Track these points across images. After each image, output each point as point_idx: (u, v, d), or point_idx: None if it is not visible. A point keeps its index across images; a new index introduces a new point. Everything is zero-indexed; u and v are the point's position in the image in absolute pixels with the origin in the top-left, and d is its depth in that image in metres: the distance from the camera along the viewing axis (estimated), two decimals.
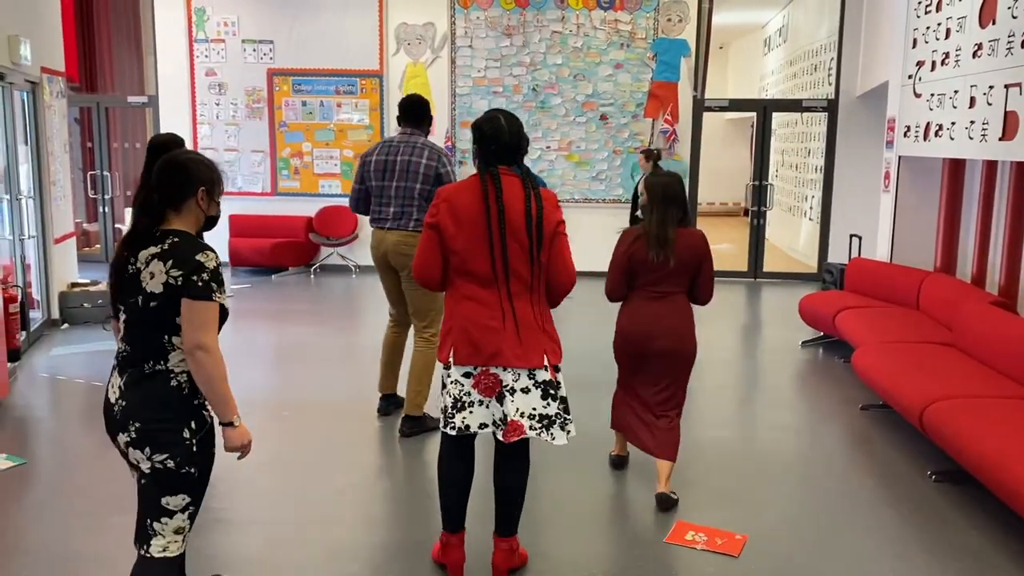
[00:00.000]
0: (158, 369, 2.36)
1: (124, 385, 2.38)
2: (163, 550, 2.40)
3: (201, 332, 2.31)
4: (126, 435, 2.35)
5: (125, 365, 2.40)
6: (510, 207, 2.95)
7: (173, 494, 2.37)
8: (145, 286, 2.33)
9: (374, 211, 4.71)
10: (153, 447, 2.33)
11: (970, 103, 5.53)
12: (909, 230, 6.98)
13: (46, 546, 3.45)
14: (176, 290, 2.30)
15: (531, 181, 3.04)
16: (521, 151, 3.08)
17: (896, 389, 4.61)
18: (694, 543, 3.50)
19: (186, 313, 2.31)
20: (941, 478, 4.19)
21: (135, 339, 2.39)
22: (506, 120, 3.06)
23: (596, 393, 4.79)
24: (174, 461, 2.34)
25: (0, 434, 4.70)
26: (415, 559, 3.37)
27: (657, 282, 3.78)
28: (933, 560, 3.43)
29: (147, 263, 2.34)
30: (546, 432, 3.05)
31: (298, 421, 5.00)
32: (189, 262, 2.31)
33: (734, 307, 8.98)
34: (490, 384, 3.01)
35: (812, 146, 11.23)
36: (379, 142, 4.75)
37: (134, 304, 2.35)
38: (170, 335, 2.36)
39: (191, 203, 2.41)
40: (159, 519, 2.38)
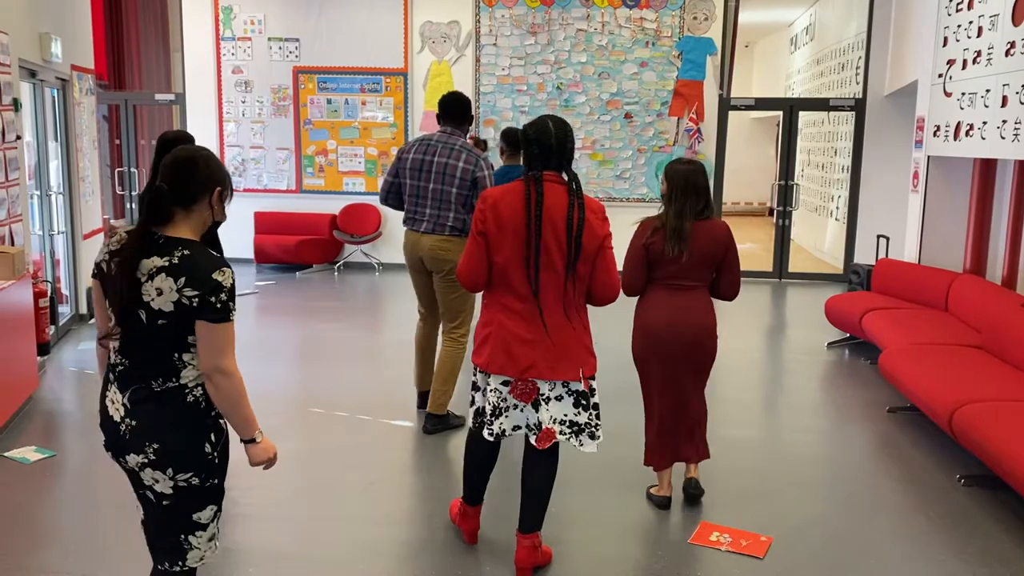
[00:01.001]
0: (170, 387, 2.17)
1: (130, 403, 2.19)
2: (200, 559, 2.32)
3: (220, 356, 2.13)
4: (140, 457, 2.18)
5: (127, 381, 2.20)
6: (550, 216, 2.93)
7: (202, 508, 2.27)
8: (150, 302, 2.10)
9: (409, 211, 4.66)
10: (176, 468, 2.18)
11: (1002, 102, 5.44)
12: (938, 231, 6.89)
13: (75, 538, 3.49)
14: (190, 311, 2.09)
15: (577, 189, 3.00)
16: (567, 156, 3.05)
17: (924, 392, 4.55)
18: (719, 544, 3.48)
19: (204, 336, 2.11)
20: (971, 483, 4.13)
21: (136, 355, 2.18)
22: (554, 125, 3.04)
23: (621, 398, 4.77)
24: (199, 478, 2.21)
25: (30, 426, 4.76)
26: (440, 555, 3.37)
27: (677, 275, 3.63)
28: (962, 566, 3.38)
29: (150, 276, 2.11)
30: (575, 438, 3.08)
31: (323, 418, 5.03)
32: (206, 282, 2.10)
33: (759, 308, 8.91)
34: (527, 391, 3.03)
35: (839, 145, 11.12)
36: (417, 139, 4.70)
37: (134, 317, 2.13)
38: (181, 353, 2.16)
39: (204, 203, 2.20)
40: (193, 533, 2.28)
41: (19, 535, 3.53)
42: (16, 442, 4.45)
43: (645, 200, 9.97)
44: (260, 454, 2.29)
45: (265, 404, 2.51)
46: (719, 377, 6.05)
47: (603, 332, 3.22)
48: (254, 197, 10.52)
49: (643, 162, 10.15)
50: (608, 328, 4.41)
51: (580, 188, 3.02)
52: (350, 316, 8.20)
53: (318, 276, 10.03)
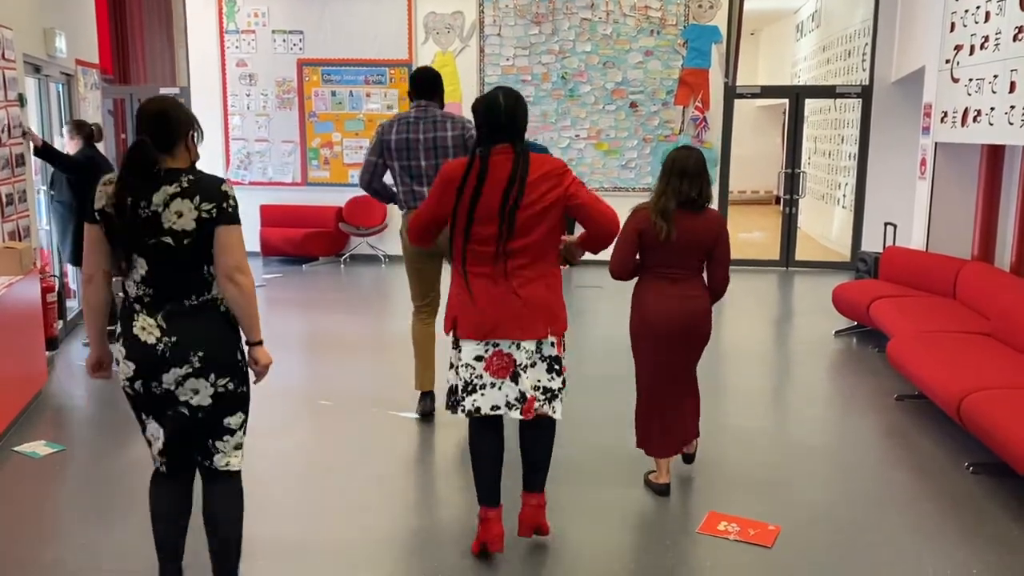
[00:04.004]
0: (205, 300, 2.48)
1: (166, 322, 2.45)
2: (226, 464, 2.61)
3: (238, 255, 2.46)
4: (184, 368, 2.44)
5: (156, 305, 2.46)
6: (493, 188, 2.95)
7: (232, 413, 2.57)
8: (172, 225, 2.40)
9: (406, 193, 4.51)
10: (218, 372, 2.48)
11: (1010, 87, 5.40)
12: (946, 218, 6.85)
13: (85, 531, 3.51)
14: (211, 222, 2.41)
15: (524, 161, 2.99)
16: (518, 128, 3.06)
17: (932, 379, 4.54)
18: (726, 533, 3.48)
19: (223, 239, 2.43)
20: (979, 470, 4.12)
21: (166, 278, 2.45)
22: (504, 97, 3.05)
23: (616, 385, 4.76)
24: (234, 383, 2.53)
25: (39, 421, 4.78)
26: (450, 544, 3.38)
27: (669, 263, 3.65)
28: (971, 553, 3.37)
29: (166, 203, 2.39)
30: (548, 405, 3.10)
31: (331, 409, 5.04)
32: (217, 194, 2.43)
33: (766, 296, 8.89)
34: (503, 364, 3.04)
35: (845, 133, 11.06)
36: (395, 118, 4.55)
37: (158, 245, 2.41)
38: (208, 266, 2.47)
39: (181, 145, 2.49)
40: (221, 438, 2.58)
41: (30, 529, 3.55)
42: (26, 437, 4.48)
43: (651, 190, 9.91)
44: (264, 356, 2.61)
45: (273, 396, 2.59)
46: (727, 366, 6.05)
47: (596, 321, 3.21)
48: (259, 190, 10.52)
49: (648, 152, 10.12)
50: (601, 317, 4.43)
51: (527, 161, 3.00)
52: (357, 308, 8.21)
53: (324, 268, 10.04)
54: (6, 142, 5.44)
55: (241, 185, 10.59)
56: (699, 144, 9.86)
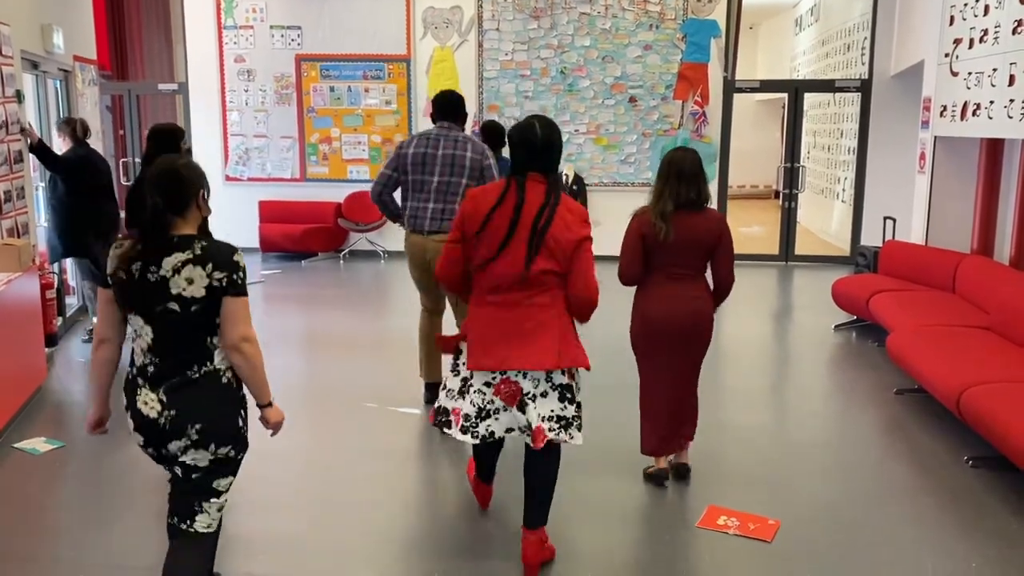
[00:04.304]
0: (206, 371, 2.45)
1: (166, 396, 2.43)
2: (208, 527, 2.55)
3: (244, 326, 2.44)
4: (183, 440, 2.43)
5: (160, 378, 2.43)
6: (527, 214, 2.94)
7: (225, 477, 2.55)
8: (181, 292, 2.37)
9: (411, 209, 4.55)
10: (218, 442, 2.46)
11: (1009, 81, 5.40)
12: (945, 212, 6.85)
13: (85, 527, 3.51)
14: (220, 291, 2.40)
15: (555, 191, 3.00)
16: (553, 159, 3.05)
17: (932, 373, 4.54)
18: (726, 528, 3.48)
19: (231, 310, 2.41)
20: (979, 464, 4.12)
21: (170, 347, 2.43)
22: (540, 127, 3.03)
23: (616, 386, 4.76)
24: (235, 450, 2.52)
25: (39, 417, 4.78)
26: (450, 541, 3.38)
27: (671, 263, 3.67)
28: (971, 547, 3.38)
29: (177, 270, 2.37)
30: (564, 432, 3.06)
31: (331, 406, 5.04)
32: (229, 264, 2.42)
33: (766, 291, 8.89)
34: (511, 392, 3.02)
35: (844, 127, 11.05)
36: (415, 135, 4.63)
37: (165, 311, 2.38)
38: (211, 336, 2.45)
39: (192, 207, 2.46)
40: (208, 500, 2.53)
41: (30, 525, 3.56)
42: (26, 433, 4.48)
43: (650, 185, 9.89)
44: (275, 415, 2.59)
45: (272, 393, 2.56)
46: (726, 361, 6.05)
47: (596, 322, 3.21)
48: (258, 186, 10.52)
49: (648, 146, 10.11)
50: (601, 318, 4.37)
51: (559, 189, 3.03)
52: (356, 304, 8.21)
53: (324, 264, 10.04)
54: (4, 139, 5.43)
55: (240, 181, 10.59)
56: (698, 139, 9.86)
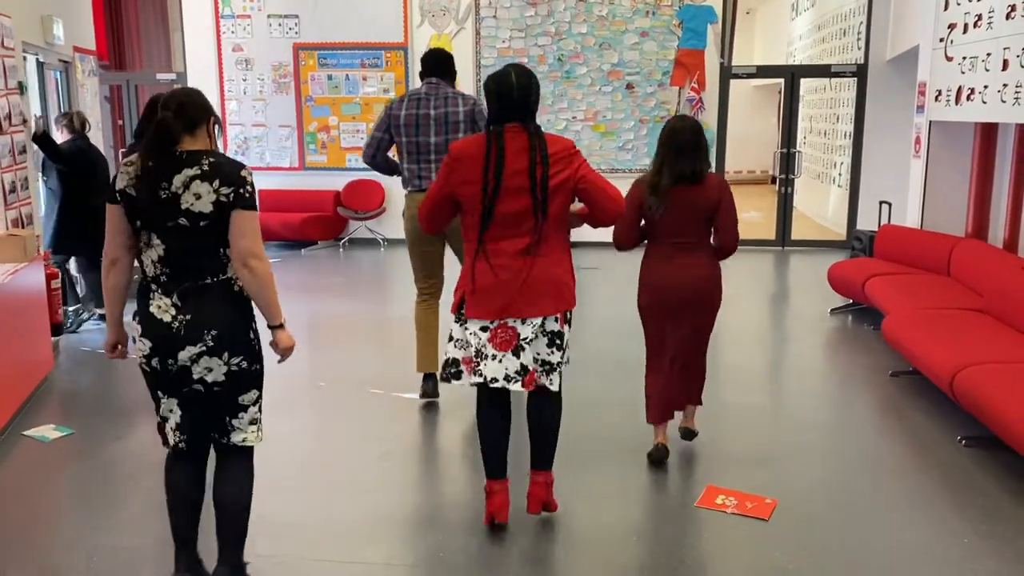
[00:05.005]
0: (219, 280, 2.53)
1: (180, 302, 2.50)
2: (243, 440, 2.67)
3: (253, 241, 2.50)
4: (198, 346, 2.49)
5: (172, 285, 2.50)
6: (510, 166, 2.98)
7: (247, 391, 2.62)
8: (190, 207, 2.44)
9: (410, 171, 4.48)
10: (231, 351, 2.53)
11: (1003, 65, 5.45)
12: (940, 196, 6.91)
13: (96, 513, 3.58)
14: (228, 206, 2.46)
15: (539, 138, 3.04)
16: (530, 107, 3.08)
17: (926, 355, 4.62)
18: (724, 507, 3.56)
19: (239, 224, 2.48)
20: (971, 443, 4.20)
21: (182, 259, 2.49)
22: (516, 75, 3.06)
23: (621, 369, 4.84)
24: (247, 361, 2.58)
25: (47, 406, 4.85)
26: (456, 522, 3.46)
27: (674, 233, 3.69)
28: (964, 524, 3.46)
29: (186, 185, 2.44)
30: (546, 377, 3.16)
31: (334, 391, 5.11)
32: (235, 179, 2.48)
33: (762, 276, 8.96)
34: (507, 338, 3.09)
35: (841, 112, 11.10)
36: (404, 94, 4.55)
37: (176, 226, 2.45)
38: (224, 248, 2.52)
39: (203, 129, 2.54)
40: (236, 415, 2.63)
41: (41, 510, 3.63)
42: (34, 421, 4.54)
43: (648, 171, 9.95)
44: (286, 339, 2.63)
45: (276, 379, 2.64)
46: (724, 344, 6.12)
47: (595, 301, 3.27)
48: (257, 175, 10.37)
49: (645, 132, 10.15)
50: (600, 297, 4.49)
51: (542, 138, 3.04)
52: (357, 292, 8.27)
53: (323, 253, 10.09)
54: (7, 130, 5.47)
55: None
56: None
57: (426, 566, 3.17)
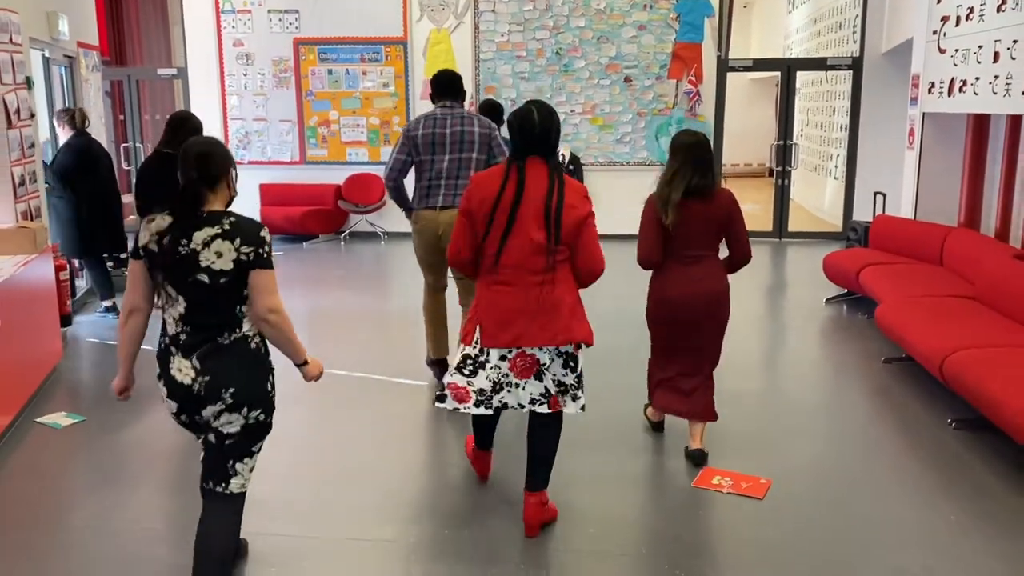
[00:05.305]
0: (235, 338, 2.60)
1: (200, 362, 2.55)
2: (241, 487, 2.71)
3: (272, 297, 2.58)
4: (217, 405, 2.56)
5: (191, 346, 2.56)
6: (531, 197, 3.08)
7: (258, 440, 2.70)
8: (211, 265, 2.51)
9: (422, 189, 4.62)
10: (250, 406, 2.60)
11: (994, 58, 5.55)
12: (933, 186, 7.02)
13: (105, 494, 3.69)
14: (248, 264, 2.53)
15: (558, 173, 3.14)
16: (551, 143, 3.18)
17: (917, 341, 4.73)
18: (720, 487, 3.67)
19: (259, 282, 2.56)
20: (960, 426, 4.32)
21: (199, 319, 2.56)
22: (538, 113, 3.16)
23: (619, 359, 4.94)
24: (265, 413, 2.66)
25: (57, 395, 4.95)
26: (460, 501, 3.57)
27: (686, 246, 3.74)
28: (953, 503, 3.58)
29: (207, 244, 2.51)
30: (561, 398, 3.24)
31: (337, 379, 5.21)
32: (255, 238, 2.55)
33: (759, 267, 9.05)
34: (527, 365, 3.18)
35: (837, 104, 11.19)
36: (420, 117, 4.68)
37: (196, 282, 2.52)
38: (240, 305, 2.60)
39: (223, 183, 2.62)
40: (242, 461, 2.68)
41: (55, 494, 3.73)
42: (46, 409, 4.64)
43: (646, 164, 10.06)
44: (313, 370, 2.78)
45: (280, 368, 2.73)
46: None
47: (602, 298, 3.36)
48: (258, 169, 10.63)
49: (643, 126, 10.24)
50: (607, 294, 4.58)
51: (561, 172, 3.17)
52: (359, 284, 8.37)
53: (325, 246, 10.18)
54: (16, 124, 5.56)
55: (240, 164, 10.66)
56: (692, 117, 9.99)
57: (430, 543, 3.28)
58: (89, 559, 3.17)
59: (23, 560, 3.16)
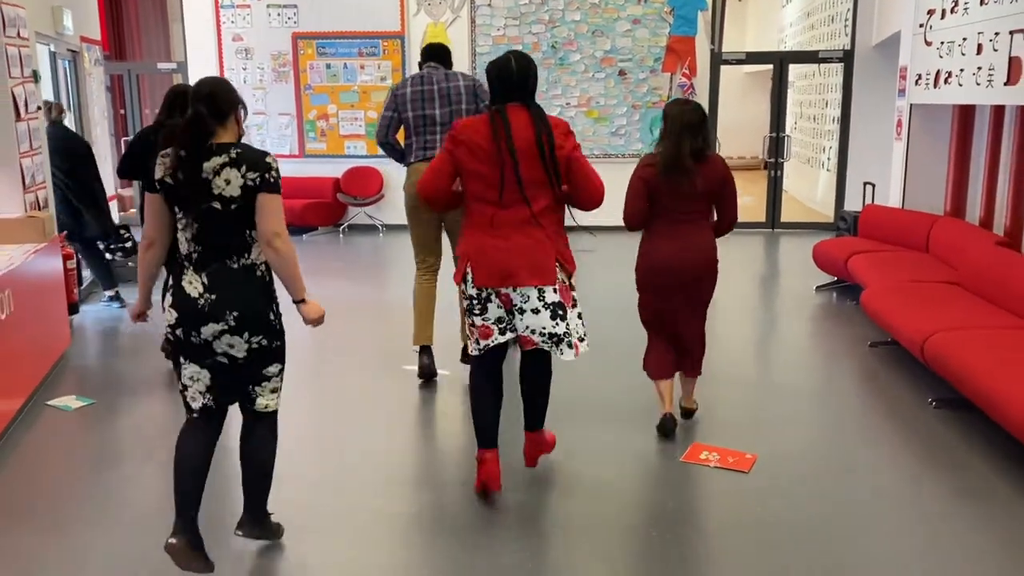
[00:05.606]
0: (244, 264, 2.78)
1: (208, 281, 2.75)
2: (266, 407, 2.95)
3: (277, 221, 2.74)
4: (220, 325, 2.74)
5: (202, 264, 2.76)
6: (518, 138, 3.21)
7: (269, 365, 2.89)
8: (221, 192, 2.70)
9: (418, 143, 4.68)
10: (251, 332, 2.78)
11: (977, 50, 5.69)
12: (920, 176, 7.17)
13: (115, 471, 3.84)
14: (254, 189, 2.72)
15: (540, 113, 3.28)
16: (529, 88, 3.31)
17: (900, 324, 4.88)
18: (707, 462, 3.83)
19: (265, 206, 2.73)
20: (941, 405, 4.47)
21: (212, 239, 2.74)
22: (515, 60, 3.30)
23: (622, 336, 5.08)
24: (267, 340, 2.83)
25: (66, 380, 5.10)
26: (454, 475, 3.72)
27: (677, 208, 3.87)
28: (932, 477, 3.74)
29: (217, 172, 2.70)
30: (556, 348, 3.35)
31: (339, 364, 5.36)
32: (261, 164, 2.72)
33: (753, 257, 9.21)
34: (502, 303, 3.32)
35: (830, 97, 11.33)
36: (407, 77, 4.80)
37: (209, 209, 2.71)
38: (250, 230, 2.77)
39: (231, 119, 2.78)
40: (259, 384, 2.90)
41: (69, 471, 3.88)
42: (56, 393, 4.79)
43: (640, 156, 10.18)
44: (311, 311, 2.91)
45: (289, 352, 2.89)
46: (715, 320, 6.37)
47: (594, 279, 3.49)
48: None
49: (637, 118, 10.38)
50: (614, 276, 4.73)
51: (543, 113, 3.29)
52: (358, 275, 8.51)
53: (324, 239, 10.32)
54: (24, 116, 5.69)
55: None
56: None
57: (429, 513, 3.44)
58: (103, 529, 3.32)
59: (40, 529, 3.30)
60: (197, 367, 2.85)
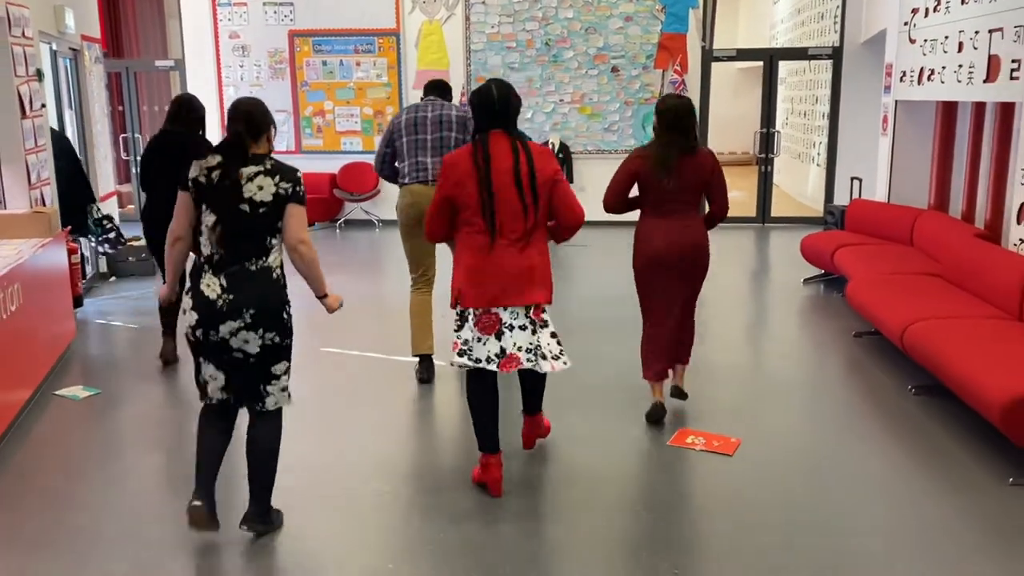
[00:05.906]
0: (262, 266, 3.01)
1: (227, 282, 2.96)
2: (275, 404, 3.14)
3: (302, 229, 3.03)
4: (237, 322, 2.96)
5: (222, 266, 2.97)
6: (497, 166, 3.35)
7: (278, 362, 3.10)
8: (252, 196, 2.95)
9: (410, 165, 4.84)
10: (265, 328, 3.01)
11: (958, 48, 5.85)
12: (905, 171, 7.33)
13: (122, 457, 3.98)
14: (285, 198, 2.98)
15: (522, 141, 3.43)
16: (510, 116, 3.46)
17: (882, 314, 5.04)
18: (693, 445, 3.98)
19: (293, 215, 3.01)
20: (920, 392, 4.64)
21: (235, 242, 2.96)
22: (496, 89, 3.45)
23: (618, 330, 5.24)
24: (280, 337, 3.07)
25: (72, 371, 5.23)
26: (452, 461, 3.87)
27: (667, 200, 4.06)
28: (910, 460, 3.91)
29: (250, 179, 2.95)
30: (537, 361, 3.47)
31: (337, 357, 5.50)
32: (292, 177, 3.02)
33: (742, 251, 9.37)
34: (490, 323, 3.44)
35: (819, 93, 11.49)
36: (405, 107, 5.04)
37: (238, 211, 2.94)
38: (271, 237, 3.01)
39: (264, 138, 3.05)
40: (269, 383, 3.10)
41: (78, 457, 4.02)
42: (63, 383, 4.93)
43: (642, 147, 10.32)
44: (333, 303, 3.27)
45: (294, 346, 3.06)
46: (705, 312, 6.54)
47: (586, 274, 3.63)
48: None
49: (630, 114, 10.53)
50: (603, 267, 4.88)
51: (524, 140, 3.45)
52: (355, 269, 8.65)
53: (321, 234, 10.45)
54: (30, 114, 5.82)
55: None
56: None
57: (427, 494, 3.59)
58: (109, 512, 3.46)
59: (51, 512, 3.45)
60: (214, 367, 3.08)
